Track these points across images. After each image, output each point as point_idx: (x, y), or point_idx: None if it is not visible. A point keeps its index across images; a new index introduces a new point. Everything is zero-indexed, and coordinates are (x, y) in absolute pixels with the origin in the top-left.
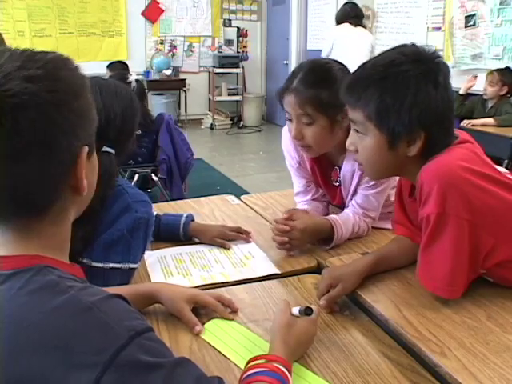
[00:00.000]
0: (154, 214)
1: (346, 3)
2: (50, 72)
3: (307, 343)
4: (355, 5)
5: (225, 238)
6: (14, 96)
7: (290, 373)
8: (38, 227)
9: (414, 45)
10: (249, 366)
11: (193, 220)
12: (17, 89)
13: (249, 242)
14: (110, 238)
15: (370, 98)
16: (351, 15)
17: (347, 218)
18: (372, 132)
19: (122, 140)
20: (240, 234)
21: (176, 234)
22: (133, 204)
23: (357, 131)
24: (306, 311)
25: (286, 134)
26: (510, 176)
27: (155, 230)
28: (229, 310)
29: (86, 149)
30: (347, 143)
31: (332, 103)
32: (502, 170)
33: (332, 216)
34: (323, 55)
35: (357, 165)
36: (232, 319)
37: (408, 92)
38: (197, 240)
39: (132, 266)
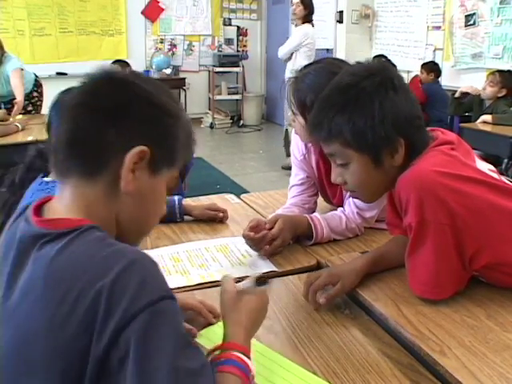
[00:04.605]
0: None
1: None
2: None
3: (262, 316)
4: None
5: (213, 209)
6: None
7: (248, 357)
8: (89, 191)
9: (359, 63)
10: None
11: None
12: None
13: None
14: None
15: (341, 126)
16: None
17: (332, 217)
18: (354, 157)
19: None
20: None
21: (172, 213)
22: None
23: (339, 164)
24: (260, 282)
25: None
26: (495, 175)
27: None
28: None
29: (142, 148)
30: (333, 178)
31: None
32: (487, 168)
33: (313, 214)
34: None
35: None
36: (215, 323)
37: (374, 106)
38: (190, 218)
39: None
